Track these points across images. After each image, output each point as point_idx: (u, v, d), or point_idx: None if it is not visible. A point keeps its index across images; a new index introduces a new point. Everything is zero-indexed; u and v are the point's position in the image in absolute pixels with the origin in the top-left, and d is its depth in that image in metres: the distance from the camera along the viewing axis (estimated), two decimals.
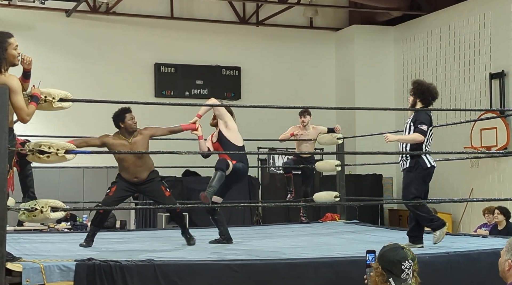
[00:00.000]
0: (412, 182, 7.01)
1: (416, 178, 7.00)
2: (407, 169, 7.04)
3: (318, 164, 10.53)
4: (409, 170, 7.03)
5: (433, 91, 7.09)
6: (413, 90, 7.11)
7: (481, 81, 14.47)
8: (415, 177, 7.00)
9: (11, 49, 5.42)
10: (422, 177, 7.02)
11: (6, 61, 5.38)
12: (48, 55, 15.00)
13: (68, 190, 14.08)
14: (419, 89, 7.06)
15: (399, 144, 7.19)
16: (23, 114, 5.32)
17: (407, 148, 7.03)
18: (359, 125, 15.89)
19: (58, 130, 12.77)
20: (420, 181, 7.01)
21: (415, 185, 7.00)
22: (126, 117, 7.34)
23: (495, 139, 13.62)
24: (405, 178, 7.15)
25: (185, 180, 14.61)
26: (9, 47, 5.41)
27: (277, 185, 15.24)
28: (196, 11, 16.58)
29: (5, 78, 5.31)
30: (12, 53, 5.42)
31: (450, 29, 15.29)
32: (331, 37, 17.63)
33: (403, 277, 3.31)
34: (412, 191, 7.00)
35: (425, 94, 7.04)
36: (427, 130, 6.92)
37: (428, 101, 7.07)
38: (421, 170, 6.97)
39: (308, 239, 8.43)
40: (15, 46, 5.45)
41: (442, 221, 7.12)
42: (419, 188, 7.02)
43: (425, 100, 7.05)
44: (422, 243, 7.03)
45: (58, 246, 7.23)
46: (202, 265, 5.80)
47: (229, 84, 16.51)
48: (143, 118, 15.61)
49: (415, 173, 6.99)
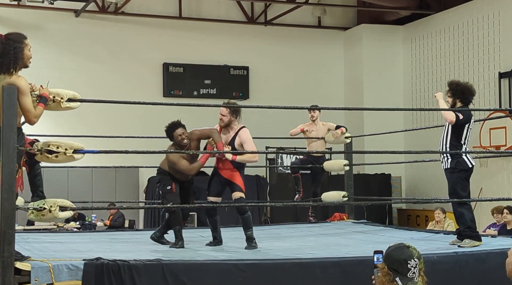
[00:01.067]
0: (457, 182, 7.02)
1: (460, 179, 7.02)
2: (450, 169, 7.04)
3: (326, 163, 10.51)
4: (452, 170, 7.03)
5: (471, 89, 7.12)
6: (451, 91, 7.11)
7: (490, 80, 14.43)
8: (459, 178, 7.02)
9: (27, 50, 5.46)
10: (465, 178, 7.06)
11: (22, 62, 5.41)
12: (56, 55, 15.07)
13: (76, 190, 14.11)
14: (459, 89, 7.07)
15: (440, 140, 7.11)
16: (30, 117, 5.34)
17: (447, 148, 7.00)
18: (368, 125, 15.86)
19: (66, 130, 12.81)
20: (463, 182, 7.04)
21: (460, 186, 7.02)
22: (175, 134, 7.25)
23: (504, 138, 13.57)
24: (449, 178, 7.13)
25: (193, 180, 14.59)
26: (25, 48, 5.44)
27: (285, 185, 15.23)
28: (204, 11, 16.59)
29: (14, 79, 5.32)
30: (27, 54, 5.45)
31: (459, 28, 15.25)
32: (340, 36, 17.62)
33: (409, 276, 3.30)
34: (459, 192, 7.00)
35: (465, 94, 7.06)
36: (463, 119, 6.87)
37: (468, 100, 7.08)
38: (463, 171, 7.00)
39: (316, 239, 8.42)
40: (30, 48, 5.49)
41: (479, 237, 7.08)
42: (464, 188, 7.05)
43: (465, 99, 7.06)
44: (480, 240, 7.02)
45: (66, 246, 7.25)
46: (210, 264, 5.81)
47: (237, 84, 16.52)
48: (151, 118, 15.74)
49: (458, 174, 7.00)
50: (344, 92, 17.41)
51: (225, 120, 7.35)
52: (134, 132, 13.31)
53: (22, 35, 5.51)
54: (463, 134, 6.96)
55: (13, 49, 5.34)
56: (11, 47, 5.35)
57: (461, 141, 6.96)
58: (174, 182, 7.32)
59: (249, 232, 7.30)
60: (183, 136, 7.20)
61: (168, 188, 7.26)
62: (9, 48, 5.34)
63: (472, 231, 7.04)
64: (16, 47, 5.37)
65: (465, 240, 6.99)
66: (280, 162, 15.01)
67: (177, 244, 7.12)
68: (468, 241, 6.97)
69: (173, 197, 7.22)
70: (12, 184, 5.23)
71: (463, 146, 6.99)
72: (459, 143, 6.96)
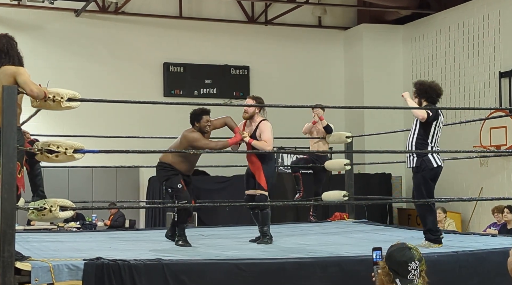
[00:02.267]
0: (421, 183, 7.04)
1: (424, 179, 7.02)
2: (414, 169, 7.06)
3: (327, 162, 10.51)
4: (416, 170, 7.05)
5: (436, 88, 7.14)
6: (416, 91, 7.17)
7: (490, 80, 14.42)
8: (422, 177, 7.03)
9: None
10: (429, 178, 7.04)
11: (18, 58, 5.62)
12: (56, 55, 15.06)
13: (77, 189, 14.11)
14: (422, 89, 7.12)
15: (408, 139, 7.16)
16: (32, 87, 5.43)
17: (413, 146, 7.04)
18: (368, 125, 15.86)
19: (65, 129, 12.83)
20: (426, 182, 7.03)
21: (424, 186, 7.03)
22: (202, 119, 7.44)
23: (505, 138, 13.56)
24: (414, 178, 7.18)
25: (194, 179, 14.55)
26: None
27: (285, 184, 15.22)
28: (204, 10, 16.59)
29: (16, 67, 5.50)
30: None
31: (459, 27, 15.24)
32: (340, 36, 17.61)
33: (410, 278, 3.29)
34: (423, 192, 7.02)
35: (429, 93, 7.09)
36: (432, 116, 6.91)
37: (433, 99, 7.10)
38: (428, 170, 6.99)
39: (317, 238, 8.42)
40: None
41: (440, 240, 7.05)
42: (428, 189, 7.04)
43: (430, 98, 7.09)
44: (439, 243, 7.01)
45: (67, 245, 7.25)
46: (210, 264, 5.81)
47: (237, 83, 16.52)
48: (152, 117, 15.71)
49: (422, 174, 7.01)
50: (344, 92, 17.41)
51: (249, 111, 7.65)
52: (134, 132, 13.32)
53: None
54: (430, 133, 6.98)
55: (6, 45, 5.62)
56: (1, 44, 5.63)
57: (428, 140, 6.98)
58: (182, 179, 7.37)
59: (265, 228, 7.59)
60: (208, 124, 7.44)
61: (179, 186, 7.29)
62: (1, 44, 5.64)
63: (432, 234, 7.04)
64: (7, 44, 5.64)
65: (424, 242, 7.01)
66: (280, 162, 15.00)
67: (187, 242, 7.17)
68: (426, 243, 6.98)
69: (185, 195, 7.28)
70: (12, 184, 5.23)
71: (430, 144, 6.99)
72: (425, 141, 6.98)
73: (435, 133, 7.01)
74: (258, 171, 7.65)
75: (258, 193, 7.65)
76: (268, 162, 7.74)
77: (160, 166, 7.51)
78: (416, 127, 7.03)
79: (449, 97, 15.26)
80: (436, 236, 7.04)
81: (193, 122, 7.48)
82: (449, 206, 13.34)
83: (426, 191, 7.02)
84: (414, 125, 7.08)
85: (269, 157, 7.76)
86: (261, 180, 7.65)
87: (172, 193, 7.34)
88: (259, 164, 7.65)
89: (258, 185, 7.66)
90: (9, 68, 5.50)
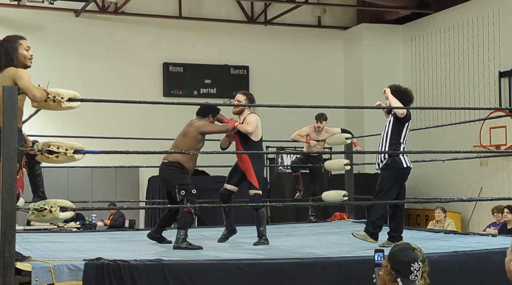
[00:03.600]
0: (384, 179, 7.19)
1: (388, 176, 7.17)
2: (383, 166, 7.18)
3: (327, 163, 10.54)
4: (384, 167, 7.17)
5: (409, 93, 7.42)
6: (392, 93, 7.34)
7: (490, 79, 14.42)
8: (387, 175, 7.18)
9: (22, 49, 5.59)
10: (395, 176, 7.17)
11: (18, 61, 5.54)
12: (56, 55, 15.06)
13: (77, 190, 14.11)
14: (398, 91, 7.34)
15: (379, 141, 7.31)
16: (33, 92, 5.38)
17: (386, 146, 7.18)
18: (368, 124, 15.84)
19: (65, 130, 12.82)
20: (392, 180, 7.16)
21: (386, 182, 7.16)
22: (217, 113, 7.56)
23: (505, 138, 13.56)
24: (380, 175, 7.33)
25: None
26: (20, 47, 5.57)
27: (285, 184, 15.23)
28: (204, 10, 16.59)
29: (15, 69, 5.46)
30: (23, 53, 5.58)
31: (459, 27, 15.24)
32: (340, 36, 17.61)
33: (411, 278, 3.28)
34: (383, 187, 7.17)
35: (403, 96, 7.32)
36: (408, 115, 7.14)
37: (405, 102, 7.28)
38: (396, 169, 7.11)
39: (317, 238, 8.42)
40: (26, 47, 5.62)
41: (377, 237, 7.12)
42: (390, 185, 7.16)
43: (403, 101, 7.26)
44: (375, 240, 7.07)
45: (67, 246, 7.25)
46: (211, 264, 5.81)
47: (237, 83, 16.49)
48: (151, 117, 15.71)
49: (389, 171, 7.14)
50: (344, 92, 17.40)
51: (239, 106, 7.70)
52: (134, 131, 13.34)
53: (17, 36, 5.69)
54: (402, 134, 7.16)
55: (5, 50, 5.53)
56: (2, 48, 5.54)
57: (400, 140, 7.15)
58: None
59: (261, 228, 7.54)
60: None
61: (193, 191, 7.23)
62: (0, 49, 5.54)
63: (373, 228, 7.11)
64: (8, 47, 5.54)
65: (363, 233, 7.10)
66: (280, 162, 15.01)
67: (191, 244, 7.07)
68: (364, 234, 7.08)
69: (196, 202, 7.25)
70: (13, 184, 5.23)
71: (402, 144, 7.15)
72: (398, 141, 7.14)
73: (406, 134, 7.20)
74: (249, 170, 7.59)
75: (252, 192, 7.60)
76: (257, 161, 7.70)
77: (169, 166, 7.35)
78: (389, 128, 7.21)
79: (449, 97, 15.27)
80: (376, 231, 7.11)
81: (206, 115, 7.50)
82: (449, 205, 13.34)
83: (386, 186, 7.14)
84: (386, 127, 7.26)
85: (258, 155, 7.74)
86: (252, 179, 7.57)
87: (185, 197, 7.19)
88: (249, 163, 7.59)
89: (250, 185, 7.60)
90: (8, 71, 5.46)
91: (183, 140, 7.40)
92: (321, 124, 10.26)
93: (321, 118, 10.28)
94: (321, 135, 10.29)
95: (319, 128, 10.27)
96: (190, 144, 7.33)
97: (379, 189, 7.24)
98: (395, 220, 7.38)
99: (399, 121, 7.14)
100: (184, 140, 7.40)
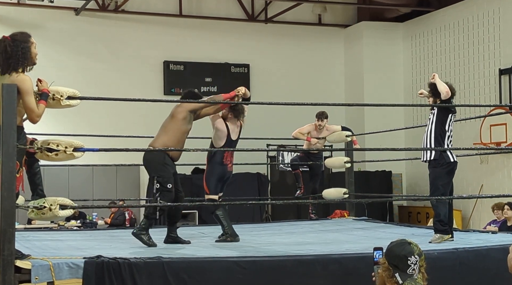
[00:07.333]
0: (437, 177, 7.15)
1: (440, 174, 7.13)
2: (432, 163, 7.11)
3: (327, 160, 10.53)
4: (433, 164, 7.12)
5: (451, 88, 7.30)
6: (431, 91, 7.31)
7: (490, 77, 14.42)
8: (439, 173, 7.13)
9: (33, 48, 5.55)
10: (447, 172, 7.16)
11: (30, 61, 5.48)
12: (57, 54, 15.06)
13: (77, 188, 14.11)
14: (437, 89, 7.22)
15: (424, 135, 7.22)
16: (33, 116, 5.35)
17: (432, 141, 7.09)
18: (368, 122, 15.86)
19: (66, 128, 12.84)
20: (444, 177, 7.15)
21: (441, 181, 7.12)
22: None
23: (505, 135, 13.57)
24: (431, 172, 7.25)
25: (195, 178, 14.62)
26: (31, 47, 5.53)
27: (286, 182, 15.24)
28: (204, 8, 16.59)
29: (20, 78, 5.36)
30: (34, 52, 5.54)
31: (459, 25, 15.24)
32: (340, 34, 17.61)
33: (409, 272, 3.30)
34: (439, 187, 7.13)
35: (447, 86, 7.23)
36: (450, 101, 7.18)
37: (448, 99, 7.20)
38: (446, 165, 7.12)
39: (317, 235, 8.43)
40: (35, 45, 5.59)
41: (449, 231, 7.18)
42: (445, 183, 7.14)
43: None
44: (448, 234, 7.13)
45: (67, 244, 7.25)
46: (211, 262, 5.81)
47: (238, 81, 16.41)
48: (152, 115, 15.72)
49: (440, 169, 7.11)
50: (344, 89, 17.40)
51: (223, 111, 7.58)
52: (134, 129, 13.30)
53: (26, 34, 5.60)
54: (446, 125, 7.17)
55: (21, 50, 5.42)
56: (18, 49, 5.41)
57: (446, 133, 7.16)
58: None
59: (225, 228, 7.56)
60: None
61: (169, 186, 7.06)
62: (16, 49, 5.41)
63: (442, 225, 7.14)
64: (24, 48, 5.45)
65: (436, 234, 7.13)
66: (281, 160, 15.02)
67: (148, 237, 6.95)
68: (438, 235, 7.11)
69: (170, 197, 7.06)
70: (12, 183, 5.23)
71: (447, 138, 7.17)
72: (443, 134, 7.15)
73: (450, 126, 7.17)
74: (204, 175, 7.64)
75: (206, 197, 7.64)
76: (214, 165, 7.59)
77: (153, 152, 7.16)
78: (433, 121, 7.19)
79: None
80: (445, 227, 7.13)
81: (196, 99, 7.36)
82: None
83: (443, 186, 7.14)
84: (430, 120, 7.24)
85: (215, 158, 7.58)
86: (204, 183, 7.61)
87: (158, 190, 7.04)
88: (206, 167, 7.63)
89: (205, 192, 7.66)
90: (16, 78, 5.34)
91: (171, 123, 7.20)
92: (322, 122, 10.26)
93: (322, 116, 10.27)
94: (322, 133, 10.31)
95: (320, 126, 10.27)
96: (180, 125, 7.14)
97: (434, 188, 7.19)
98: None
99: (443, 113, 7.09)
100: (172, 122, 7.20)
